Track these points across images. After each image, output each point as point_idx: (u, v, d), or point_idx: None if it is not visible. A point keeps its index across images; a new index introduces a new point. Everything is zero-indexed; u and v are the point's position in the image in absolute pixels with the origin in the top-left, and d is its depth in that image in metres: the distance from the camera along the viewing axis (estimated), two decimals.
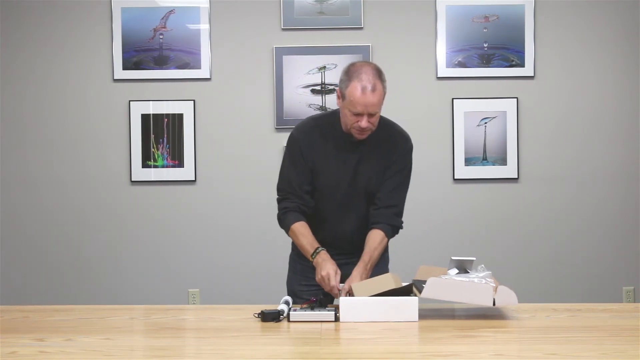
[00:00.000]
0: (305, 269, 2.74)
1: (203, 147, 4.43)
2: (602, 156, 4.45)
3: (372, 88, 2.50)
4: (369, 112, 2.52)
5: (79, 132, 4.45)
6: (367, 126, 2.55)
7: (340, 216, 2.71)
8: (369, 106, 2.51)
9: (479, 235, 4.44)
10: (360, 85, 2.50)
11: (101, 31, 4.42)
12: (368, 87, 2.49)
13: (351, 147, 2.66)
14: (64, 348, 2.01)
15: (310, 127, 2.71)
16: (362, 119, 2.53)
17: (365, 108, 2.51)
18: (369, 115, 2.53)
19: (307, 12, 4.40)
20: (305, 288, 2.73)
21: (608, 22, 4.43)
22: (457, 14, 4.40)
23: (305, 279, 2.75)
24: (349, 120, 2.57)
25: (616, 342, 2.04)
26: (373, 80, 2.51)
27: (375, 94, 2.51)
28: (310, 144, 2.66)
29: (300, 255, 2.75)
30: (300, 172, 2.67)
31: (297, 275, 2.80)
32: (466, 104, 4.41)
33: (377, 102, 2.53)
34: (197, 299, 4.45)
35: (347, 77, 2.55)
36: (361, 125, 2.54)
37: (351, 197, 2.68)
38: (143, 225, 4.45)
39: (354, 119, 2.55)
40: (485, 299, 2.29)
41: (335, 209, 2.69)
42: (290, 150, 2.70)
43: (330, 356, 1.99)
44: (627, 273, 4.46)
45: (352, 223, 2.71)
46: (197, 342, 2.18)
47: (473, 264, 2.46)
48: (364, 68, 2.54)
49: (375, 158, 2.67)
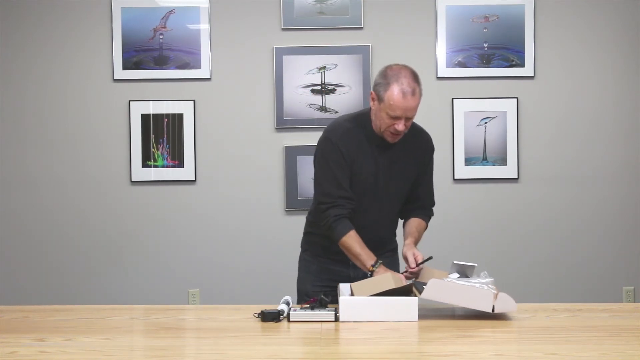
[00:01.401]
0: (322, 270, 2.75)
1: (203, 147, 4.43)
2: (602, 156, 4.45)
3: (412, 92, 2.51)
4: (407, 116, 2.54)
5: (79, 132, 4.45)
6: (403, 130, 2.56)
7: (375, 217, 2.71)
8: (408, 110, 2.53)
9: (479, 235, 4.44)
10: (401, 90, 2.50)
11: (101, 31, 4.42)
12: (408, 91, 2.50)
13: (385, 148, 2.66)
14: (64, 348, 2.01)
15: (346, 129, 2.67)
16: (399, 122, 2.54)
17: (404, 112, 2.52)
18: (406, 119, 2.55)
19: (307, 12, 4.40)
20: (319, 289, 2.70)
21: (608, 22, 4.43)
22: (457, 14, 4.40)
23: (319, 280, 2.75)
24: (385, 124, 2.56)
25: (616, 342, 2.04)
26: (413, 84, 2.52)
27: (415, 98, 2.53)
28: (348, 144, 2.63)
29: (317, 255, 2.76)
30: (345, 174, 2.63)
31: (310, 275, 2.79)
32: (466, 104, 4.41)
33: (416, 106, 2.55)
34: (197, 299, 4.45)
35: (385, 80, 2.54)
36: (398, 129, 2.54)
37: (385, 197, 2.69)
38: (143, 225, 4.45)
39: (390, 122, 2.54)
40: (484, 305, 2.29)
41: (370, 210, 2.68)
42: (330, 154, 2.63)
43: (330, 356, 1.99)
44: (627, 273, 4.46)
45: (384, 224, 2.75)
46: (197, 342, 2.18)
47: (474, 269, 2.46)
48: (402, 72, 2.54)
49: (406, 158, 2.69)
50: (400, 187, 2.72)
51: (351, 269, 2.71)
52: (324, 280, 2.74)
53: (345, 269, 2.72)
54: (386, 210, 2.72)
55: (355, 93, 4.38)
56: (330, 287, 2.68)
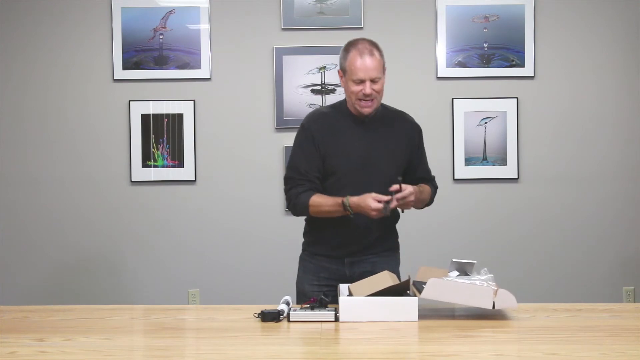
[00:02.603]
0: (318, 268, 2.76)
1: (203, 147, 4.43)
2: (602, 156, 4.45)
3: (370, 52, 2.61)
4: (370, 77, 2.59)
5: (79, 132, 4.45)
6: (371, 92, 2.59)
7: None
8: (369, 70, 2.58)
9: (479, 235, 4.44)
10: (358, 53, 2.60)
11: (101, 31, 4.42)
12: (366, 52, 2.60)
13: (367, 128, 2.69)
14: (64, 348, 2.01)
15: (321, 114, 2.75)
16: (365, 86, 2.58)
17: (366, 73, 2.58)
18: (371, 82, 2.59)
19: (307, 12, 4.40)
20: (317, 288, 2.73)
21: (608, 22, 4.43)
22: (457, 14, 4.40)
23: (317, 279, 2.76)
24: (354, 94, 2.61)
25: (616, 342, 2.04)
26: (370, 47, 2.63)
27: (374, 59, 2.60)
28: (321, 128, 2.68)
29: (313, 254, 2.78)
30: (310, 159, 2.67)
31: (308, 275, 2.80)
32: (466, 104, 4.41)
33: (377, 66, 2.61)
34: (197, 299, 4.45)
35: (344, 52, 2.65)
36: (365, 92, 2.59)
37: (369, 178, 2.68)
38: (143, 225, 4.45)
39: (357, 89, 2.60)
40: (484, 302, 2.29)
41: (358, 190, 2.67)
42: (299, 139, 2.71)
43: (330, 356, 1.99)
44: (627, 273, 4.46)
45: None
46: (197, 342, 2.18)
47: (474, 267, 2.46)
48: (359, 40, 2.66)
49: (393, 137, 2.72)
50: (389, 165, 2.70)
51: (347, 268, 2.73)
52: (321, 279, 2.75)
53: (341, 267, 2.74)
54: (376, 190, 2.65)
55: None
56: (327, 286, 2.70)
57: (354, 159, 2.68)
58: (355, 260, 2.73)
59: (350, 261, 2.73)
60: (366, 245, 2.73)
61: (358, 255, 2.73)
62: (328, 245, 2.74)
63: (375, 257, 2.75)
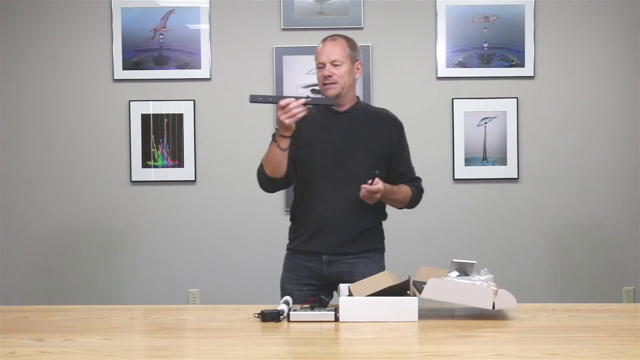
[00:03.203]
0: (297, 267, 2.79)
1: (203, 147, 4.43)
2: (602, 156, 4.45)
3: (332, 39, 2.73)
4: (330, 59, 2.68)
5: (79, 132, 4.45)
6: (330, 74, 2.67)
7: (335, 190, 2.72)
8: (329, 53, 2.68)
9: (479, 235, 4.44)
10: (322, 42, 2.75)
11: (101, 31, 4.42)
12: (328, 39, 2.73)
13: (340, 121, 2.75)
14: (64, 348, 2.01)
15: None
16: (325, 68, 2.68)
17: (326, 56, 2.69)
18: (332, 66, 2.67)
19: (307, 12, 4.40)
20: (296, 287, 2.76)
21: (608, 22, 4.43)
22: (457, 14, 4.40)
23: (296, 277, 2.78)
24: (319, 79, 2.72)
25: (616, 342, 2.04)
26: (336, 35, 2.75)
27: (335, 44, 2.70)
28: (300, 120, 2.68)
29: (293, 252, 2.82)
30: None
31: (289, 273, 2.82)
32: (466, 104, 4.41)
33: (337, 51, 2.69)
34: (197, 299, 4.45)
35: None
36: (324, 74, 2.68)
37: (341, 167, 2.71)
38: (143, 225, 4.45)
39: (321, 74, 2.71)
40: (484, 302, 2.28)
41: (328, 182, 2.72)
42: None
43: (330, 356, 1.99)
44: (627, 273, 4.46)
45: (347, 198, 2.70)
46: (197, 342, 2.18)
47: (474, 267, 2.46)
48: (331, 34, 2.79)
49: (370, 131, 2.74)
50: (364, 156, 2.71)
51: (324, 267, 2.75)
52: (301, 278, 2.77)
53: (319, 266, 2.75)
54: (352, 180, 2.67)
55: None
56: (307, 285, 2.75)
57: (326, 148, 2.72)
58: (332, 260, 2.73)
59: (328, 259, 2.73)
60: (345, 240, 2.72)
61: (336, 253, 2.73)
62: (305, 236, 2.76)
63: (354, 258, 2.75)
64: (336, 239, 2.72)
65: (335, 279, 2.72)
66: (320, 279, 2.74)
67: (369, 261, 2.77)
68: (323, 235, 2.73)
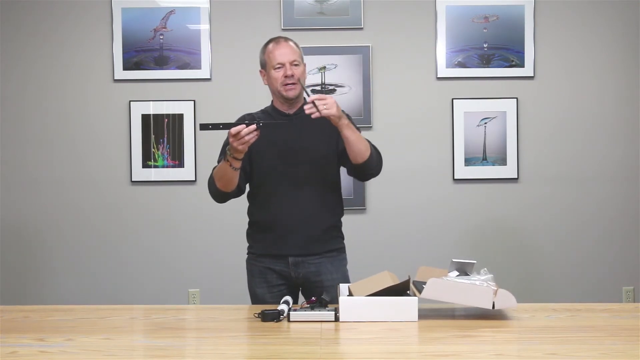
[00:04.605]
0: (263, 271, 2.78)
1: (203, 147, 4.43)
2: (602, 156, 4.45)
3: (285, 39, 2.73)
4: (289, 60, 2.68)
5: (79, 132, 4.45)
6: (293, 73, 2.66)
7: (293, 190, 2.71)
8: (286, 54, 2.69)
9: (479, 235, 4.44)
10: (274, 43, 2.73)
11: (101, 31, 4.42)
12: (281, 40, 2.73)
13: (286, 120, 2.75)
14: (64, 348, 2.01)
15: (248, 114, 2.85)
16: (285, 68, 2.67)
17: (284, 56, 2.69)
18: (291, 65, 2.68)
19: (307, 13, 4.40)
20: (267, 290, 2.76)
21: (608, 22, 4.44)
22: (457, 14, 4.40)
23: (265, 282, 2.78)
24: (277, 80, 2.70)
25: (616, 342, 2.04)
26: (284, 38, 2.75)
27: (289, 45, 2.72)
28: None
29: (257, 256, 2.80)
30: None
31: (255, 278, 2.81)
32: (466, 104, 4.41)
33: (293, 51, 2.70)
34: (197, 299, 4.45)
35: (262, 49, 2.80)
36: (287, 73, 2.67)
37: (297, 167, 2.71)
38: (143, 225, 4.45)
39: (280, 74, 2.69)
40: (484, 302, 2.28)
41: (285, 184, 2.71)
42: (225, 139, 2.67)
43: (330, 356, 1.99)
44: (627, 273, 4.46)
45: (306, 197, 2.71)
46: (197, 342, 2.18)
47: (474, 267, 2.46)
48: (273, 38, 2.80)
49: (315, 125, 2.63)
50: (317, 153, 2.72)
51: (292, 269, 2.75)
52: (270, 281, 2.77)
53: (286, 268, 2.75)
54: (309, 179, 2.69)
55: (355, 93, 4.38)
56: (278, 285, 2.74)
57: (279, 150, 2.72)
58: (299, 261, 2.74)
59: (295, 261, 2.74)
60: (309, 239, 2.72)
61: (302, 254, 2.73)
62: (270, 240, 2.75)
63: (319, 257, 2.76)
64: (301, 239, 2.73)
65: (303, 280, 2.74)
66: (289, 281, 2.76)
67: (333, 259, 2.79)
68: (288, 236, 2.73)
